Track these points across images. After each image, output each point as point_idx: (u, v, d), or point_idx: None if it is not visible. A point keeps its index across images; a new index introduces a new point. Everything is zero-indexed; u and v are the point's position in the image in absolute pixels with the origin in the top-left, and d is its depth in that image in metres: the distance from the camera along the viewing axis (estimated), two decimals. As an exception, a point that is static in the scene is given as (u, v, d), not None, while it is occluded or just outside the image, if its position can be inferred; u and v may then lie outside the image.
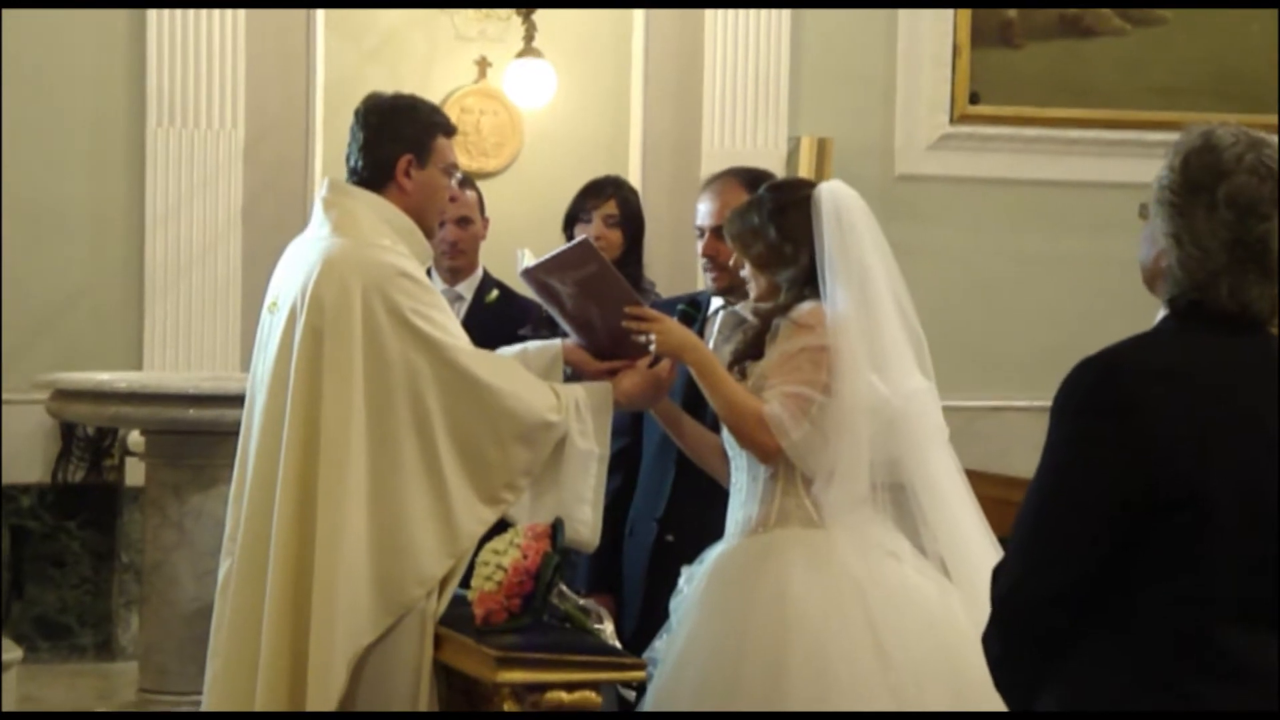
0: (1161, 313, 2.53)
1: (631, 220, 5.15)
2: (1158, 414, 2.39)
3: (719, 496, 3.88)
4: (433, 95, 6.12)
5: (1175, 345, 2.48)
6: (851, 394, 3.66)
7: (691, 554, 3.86)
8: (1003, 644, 2.48)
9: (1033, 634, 2.45)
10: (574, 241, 4.11)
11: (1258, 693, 2.38)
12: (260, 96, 6.59)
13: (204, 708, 3.78)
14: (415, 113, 3.84)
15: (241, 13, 6.52)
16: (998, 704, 2.56)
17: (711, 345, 4.03)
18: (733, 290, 4.13)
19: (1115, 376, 2.42)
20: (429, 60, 6.89)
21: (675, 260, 6.21)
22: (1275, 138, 2.56)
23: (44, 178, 6.45)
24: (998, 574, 2.48)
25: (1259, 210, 2.45)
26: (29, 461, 6.44)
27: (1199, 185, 2.46)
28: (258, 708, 3.61)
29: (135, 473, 6.11)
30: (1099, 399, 2.42)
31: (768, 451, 3.67)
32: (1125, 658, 2.41)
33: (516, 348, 3.96)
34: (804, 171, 6.79)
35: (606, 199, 5.14)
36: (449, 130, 3.88)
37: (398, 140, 3.80)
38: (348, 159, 3.85)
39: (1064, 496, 2.44)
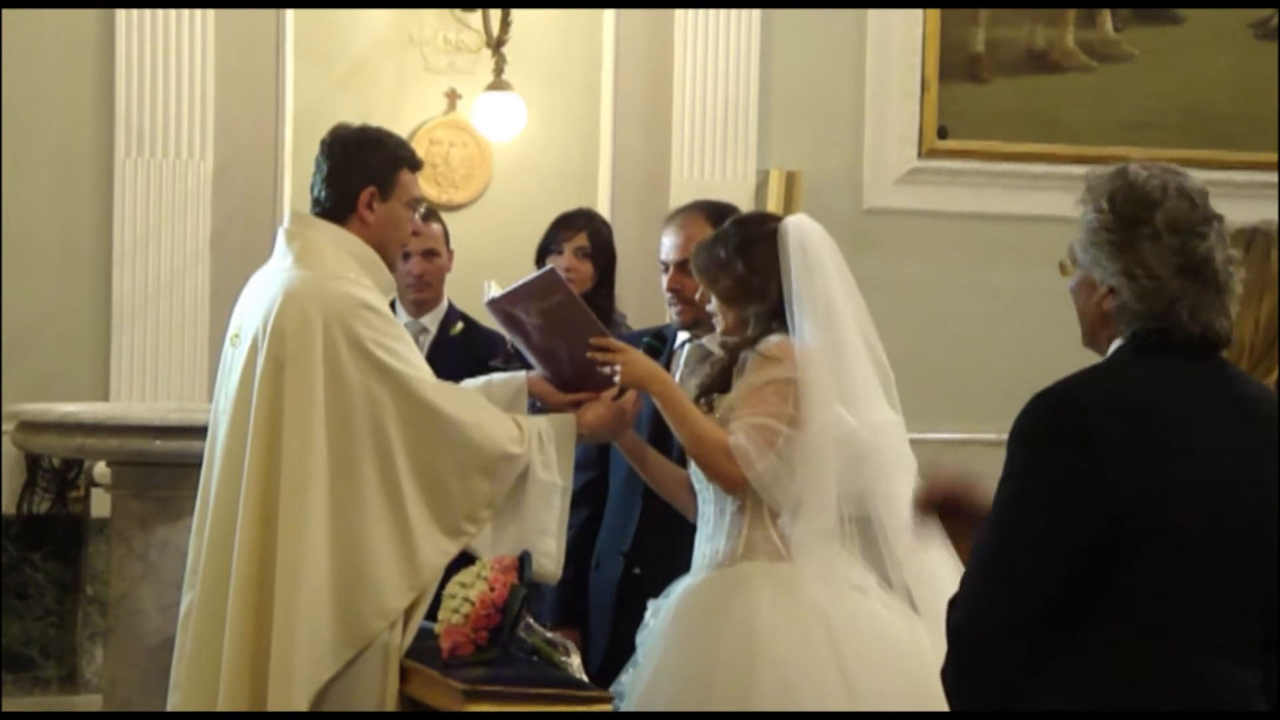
0: (1116, 343, 2.55)
1: (602, 252, 5.16)
2: (1114, 445, 2.40)
3: (686, 530, 3.87)
4: (402, 127, 6.12)
5: (1132, 376, 2.49)
6: (819, 427, 3.67)
7: (658, 587, 3.85)
8: (958, 675, 2.48)
9: (988, 665, 2.45)
10: (540, 271, 4.11)
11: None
12: (229, 126, 6.56)
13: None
14: (380, 146, 3.84)
15: (210, 41, 6.49)
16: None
17: (677, 378, 4.03)
18: (698, 324, 4.13)
19: (1071, 408, 2.44)
20: (398, 91, 6.86)
21: (646, 292, 6.19)
22: (1197, 172, 2.60)
23: (11, 206, 6.40)
24: (953, 605, 2.48)
25: (1196, 230, 2.49)
26: (-7, 492, 6.40)
27: (1134, 218, 2.49)
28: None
29: (101, 504, 6.06)
30: (1055, 431, 2.43)
31: (733, 483, 3.67)
32: (1087, 688, 2.41)
33: (481, 379, 3.95)
34: (773, 204, 6.79)
35: (578, 231, 5.16)
36: (414, 164, 3.87)
37: (361, 172, 3.79)
38: (312, 189, 3.84)
39: (1019, 528, 2.44)
